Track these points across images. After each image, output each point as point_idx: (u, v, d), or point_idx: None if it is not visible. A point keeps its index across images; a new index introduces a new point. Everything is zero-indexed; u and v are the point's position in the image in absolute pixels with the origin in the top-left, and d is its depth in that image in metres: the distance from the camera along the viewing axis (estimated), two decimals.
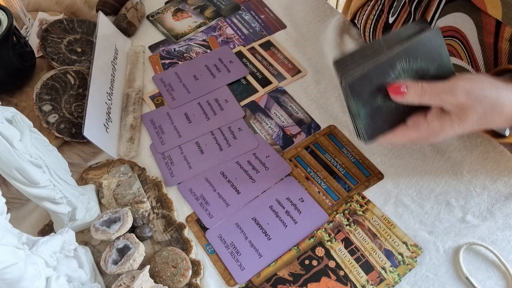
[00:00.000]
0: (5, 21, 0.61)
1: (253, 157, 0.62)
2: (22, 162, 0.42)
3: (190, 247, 0.53)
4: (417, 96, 0.45)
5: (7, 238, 0.36)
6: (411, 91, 0.45)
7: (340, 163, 0.60)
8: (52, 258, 0.42)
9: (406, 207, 0.56)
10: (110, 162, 0.62)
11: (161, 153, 0.63)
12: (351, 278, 0.51)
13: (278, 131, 0.64)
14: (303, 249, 0.53)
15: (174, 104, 0.69)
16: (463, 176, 0.58)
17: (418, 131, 0.47)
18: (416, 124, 0.47)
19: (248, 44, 0.76)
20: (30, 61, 0.67)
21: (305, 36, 0.76)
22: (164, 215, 0.56)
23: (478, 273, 0.50)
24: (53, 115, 0.62)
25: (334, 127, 0.64)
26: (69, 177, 0.52)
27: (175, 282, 0.50)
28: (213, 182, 0.60)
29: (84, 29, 0.75)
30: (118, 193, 0.58)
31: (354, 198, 0.57)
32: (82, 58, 0.71)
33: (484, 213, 0.54)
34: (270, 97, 0.69)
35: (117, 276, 0.49)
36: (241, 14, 0.81)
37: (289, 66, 0.72)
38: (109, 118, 0.64)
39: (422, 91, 0.45)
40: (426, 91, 0.44)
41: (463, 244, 0.52)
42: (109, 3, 0.80)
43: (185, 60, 0.75)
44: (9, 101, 0.66)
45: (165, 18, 0.82)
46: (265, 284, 0.51)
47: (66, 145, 0.63)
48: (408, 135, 0.48)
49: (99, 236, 0.50)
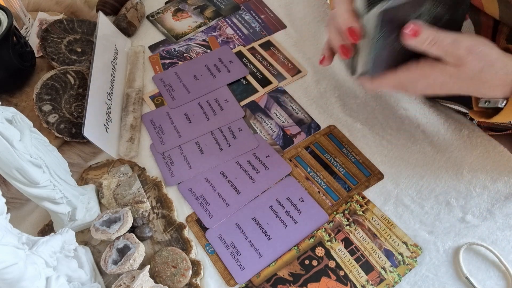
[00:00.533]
0: (5, 21, 0.61)
1: (253, 157, 0.62)
2: (22, 162, 0.42)
3: (190, 247, 0.53)
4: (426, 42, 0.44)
5: (7, 238, 0.36)
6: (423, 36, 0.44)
7: (340, 163, 0.60)
8: (52, 258, 0.42)
9: (406, 207, 0.56)
10: (110, 162, 0.62)
11: (161, 153, 0.63)
12: (351, 278, 0.51)
13: (278, 131, 0.64)
14: (303, 249, 0.53)
15: (174, 104, 0.69)
16: (463, 176, 0.58)
17: (407, 71, 0.46)
18: (406, 66, 0.47)
19: (248, 44, 0.76)
20: (30, 61, 0.67)
21: (305, 36, 0.76)
22: (164, 215, 0.56)
23: (478, 273, 0.50)
24: (53, 115, 0.62)
25: (334, 127, 0.64)
26: (69, 177, 0.52)
27: (175, 282, 0.50)
28: (213, 182, 0.60)
29: (84, 29, 0.75)
30: (118, 193, 0.58)
31: (354, 198, 0.57)
32: (82, 58, 0.71)
33: (484, 213, 0.54)
34: (270, 97, 0.69)
35: (117, 276, 0.49)
36: (241, 14, 0.81)
37: (289, 66, 0.72)
38: (109, 118, 0.64)
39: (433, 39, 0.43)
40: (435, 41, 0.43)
41: (463, 244, 0.52)
42: (109, 3, 0.80)
43: (185, 60, 0.75)
44: (9, 101, 0.66)
45: (165, 18, 0.82)
46: (265, 284, 0.51)
47: (66, 145, 0.63)
48: (397, 77, 0.47)
49: (99, 236, 0.50)
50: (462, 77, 0.44)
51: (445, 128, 0.62)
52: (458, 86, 0.45)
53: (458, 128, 0.62)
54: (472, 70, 0.43)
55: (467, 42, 0.43)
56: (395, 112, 0.65)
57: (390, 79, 0.48)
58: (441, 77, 0.45)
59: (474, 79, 0.44)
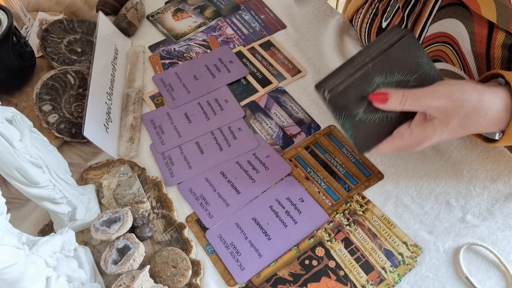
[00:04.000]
0: (5, 21, 0.61)
1: (253, 157, 0.62)
2: (22, 162, 0.42)
3: (190, 247, 0.53)
4: (398, 102, 0.45)
5: (7, 238, 0.36)
6: (393, 98, 0.45)
7: (340, 163, 0.60)
8: (52, 258, 0.42)
9: (406, 207, 0.56)
10: (110, 162, 0.62)
11: (161, 153, 0.63)
12: (351, 278, 0.51)
13: (278, 131, 0.64)
14: (303, 249, 0.53)
15: (174, 104, 0.69)
16: (463, 176, 0.58)
17: (402, 140, 0.48)
18: (400, 133, 0.48)
19: (248, 44, 0.76)
20: (30, 61, 0.67)
21: (305, 36, 0.76)
22: (164, 215, 0.56)
23: (478, 273, 0.50)
24: (53, 115, 0.62)
25: (334, 127, 0.64)
26: (69, 177, 0.52)
27: (175, 282, 0.50)
28: (213, 182, 0.60)
29: (84, 29, 0.75)
30: (118, 193, 0.58)
31: (354, 198, 0.57)
32: (82, 58, 0.71)
33: (484, 213, 0.54)
34: (270, 97, 0.69)
35: (117, 276, 0.49)
36: (241, 14, 0.81)
37: (289, 66, 0.72)
38: (109, 118, 0.64)
39: (403, 97, 0.45)
40: (407, 97, 0.45)
41: (463, 244, 0.52)
42: (109, 3, 0.80)
43: (185, 60, 0.75)
44: (9, 101, 0.66)
45: (165, 18, 0.82)
46: (265, 284, 0.51)
47: (66, 145, 0.63)
48: (393, 144, 0.49)
49: (99, 236, 0.50)
50: (454, 128, 0.44)
51: None
52: (454, 136, 0.46)
53: None
54: (459, 119, 0.44)
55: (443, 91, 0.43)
56: None
57: (388, 147, 0.49)
58: (435, 136, 0.45)
59: (465, 126, 0.44)
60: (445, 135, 0.45)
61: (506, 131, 0.45)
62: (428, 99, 0.44)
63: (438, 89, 0.44)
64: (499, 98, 0.43)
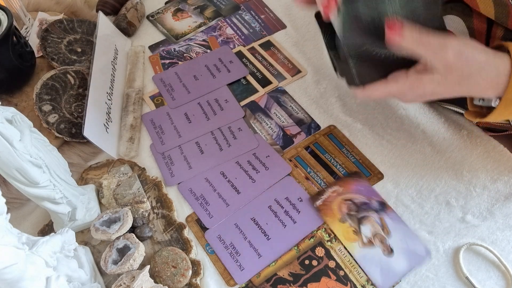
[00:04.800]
0: (5, 21, 0.61)
1: (253, 157, 0.62)
2: (22, 162, 0.42)
3: (190, 247, 0.53)
4: (412, 41, 0.43)
5: (7, 238, 0.36)
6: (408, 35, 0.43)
7: (340, 163, 0.60)
8: (52, 258, 0.42)
9: (406, 207, 0.56)
10: (110, 162, 0.62)
11: (161, 153, 0.63)
12: (351, 278, 0.51)
13: (278, 131, 0.64)
14: (303, 249, 0.53)
15: (174, 104, 0.69)
16: (463, 176, 0.58)
17: (396, 83, 0.47)
18: (395, 76, 0.47)
19: (248, 44, 0.76)
20: (30, 61, 0.67)
21: (305, 36, 0.76)
22: (164, 215, 0.56)
23: (478, 273, 0.50)
24: (53, 115, 0.62)
25: (334, 127, 0.64)
26: (69, 177, 0.52)
27: (175, 282, 0.50)
28: (213, 182, 0.60)
29: (84, 29, 0.75)
30: (118, 193, 0.58)
31: None
32: (82, 58, 0.71)
33: (484, 213, 0.54)
34: (270, 97, 0.69)
35: (117, 276, 0.49)
36: (241, 14, 0.81)
37: (289, 66, 0.72)
38: (109, 118, 0.64)
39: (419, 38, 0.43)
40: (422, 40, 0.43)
41: (463, 244, 0.52)
42: (109, 3, 0.80)
43: (185, 60, 0.75)
44: (9, 101, 0.66)
45: (165, 18, 0.82)
46: (265, 284, 0.51)
47: (66, 145, 0.63)
48: (386, 87, 0.48)
49: (99, 236, 0.50)
50: (451, 83, 0.44)
51: (445, 128, 0.62)
52: (448, 92, 0.45)
53: (458, 128, 0.62)
54: (460, 76, 0.43)
55: (455, 46, 0.43)
56: (395, 112, 0.65)
57: (380, 89, 0.48)
58: (430, 86, 0.45)
59: (463, 84, 0.44)
60: (439, 88, 0.44)
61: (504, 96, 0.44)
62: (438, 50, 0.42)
63: (450, 43, 0.43)
64: (502, 62, 0.43)
